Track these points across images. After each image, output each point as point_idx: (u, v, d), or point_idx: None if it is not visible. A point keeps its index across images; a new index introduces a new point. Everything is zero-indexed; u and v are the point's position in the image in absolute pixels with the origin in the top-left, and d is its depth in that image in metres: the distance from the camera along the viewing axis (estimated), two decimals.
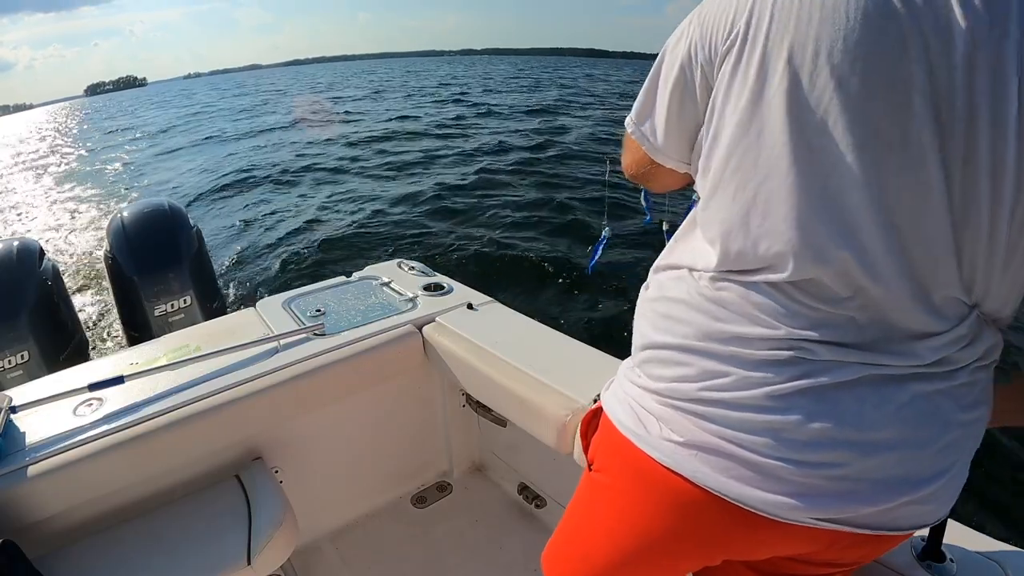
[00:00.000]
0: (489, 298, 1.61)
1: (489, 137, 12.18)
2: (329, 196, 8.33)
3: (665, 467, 0.61)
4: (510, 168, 9.22)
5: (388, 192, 8.28)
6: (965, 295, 0.55)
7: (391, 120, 16.47)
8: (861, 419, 0.55)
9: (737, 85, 0.57)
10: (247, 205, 8.26)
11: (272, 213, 7.73)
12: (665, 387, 0.63)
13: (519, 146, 11.12)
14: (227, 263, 5.92)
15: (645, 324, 0.68)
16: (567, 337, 1.38)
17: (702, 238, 0.64)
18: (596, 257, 1.23)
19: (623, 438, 0.66)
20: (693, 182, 0.70)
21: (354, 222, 6.89)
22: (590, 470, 0.77)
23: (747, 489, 0.57)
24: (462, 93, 24.44)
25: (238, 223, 7.42)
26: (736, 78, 0.57)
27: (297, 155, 11.91)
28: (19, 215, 9.61)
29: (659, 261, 0.71)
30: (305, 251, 6.08)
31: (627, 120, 0.73)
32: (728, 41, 0.57)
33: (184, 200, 8.45)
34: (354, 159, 10.88)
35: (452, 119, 15.80)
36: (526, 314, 1.53)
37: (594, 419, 0.79)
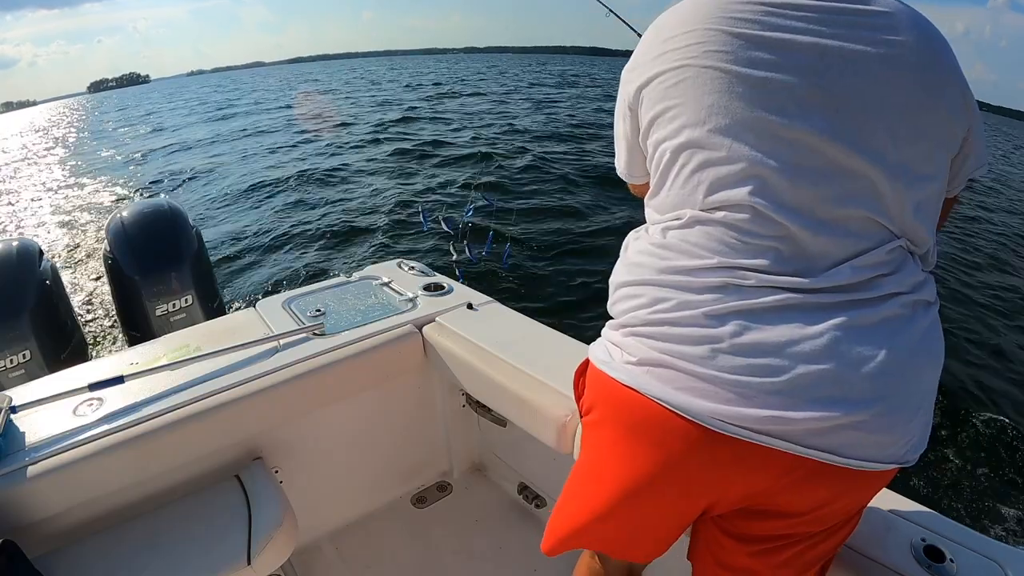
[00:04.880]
0: (489, 298, 1.61)
1: (498, 133, 12.19)
2: (330, 196, 8.33)
3: (625, 385, 0.68)
4: (517, 169, 9.23)
5: (390, 192, 8.28)
6: (885, 219, 0.64)
7: (390, 120, 16.47)
8: (790, 334, 0.60)
9: (659, 102, 0.71)
10: (247, 205, 8.27)
11: (273, 213, 7.74)
12: (626, 318, 0.72)
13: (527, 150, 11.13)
14: (227, 263, 5.92)
15: (619, 270, 0.78)
16: (567, 337, 1.38)
17: (650, 217, 0.78)
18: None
19: (597, 372, 0.74)
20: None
21: (355, 223, 6.89)
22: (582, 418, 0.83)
23: (685, 397, 0.62)
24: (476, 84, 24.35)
25: (238, 223, 7.43)
26: (657, 96, 0.72)
27: (298, 154, 11.92)
28: (19, 215, 9.61)
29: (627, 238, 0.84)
30: (305, 251, 6.08)
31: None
32: (645, 81, 0.73)
33: (183, 200, 8.45)
34: (356, 160, 10.88)
35: (455, 119, 15.79)
36: (527, 314, 1.53)
37: (583, 374, 0.85)
